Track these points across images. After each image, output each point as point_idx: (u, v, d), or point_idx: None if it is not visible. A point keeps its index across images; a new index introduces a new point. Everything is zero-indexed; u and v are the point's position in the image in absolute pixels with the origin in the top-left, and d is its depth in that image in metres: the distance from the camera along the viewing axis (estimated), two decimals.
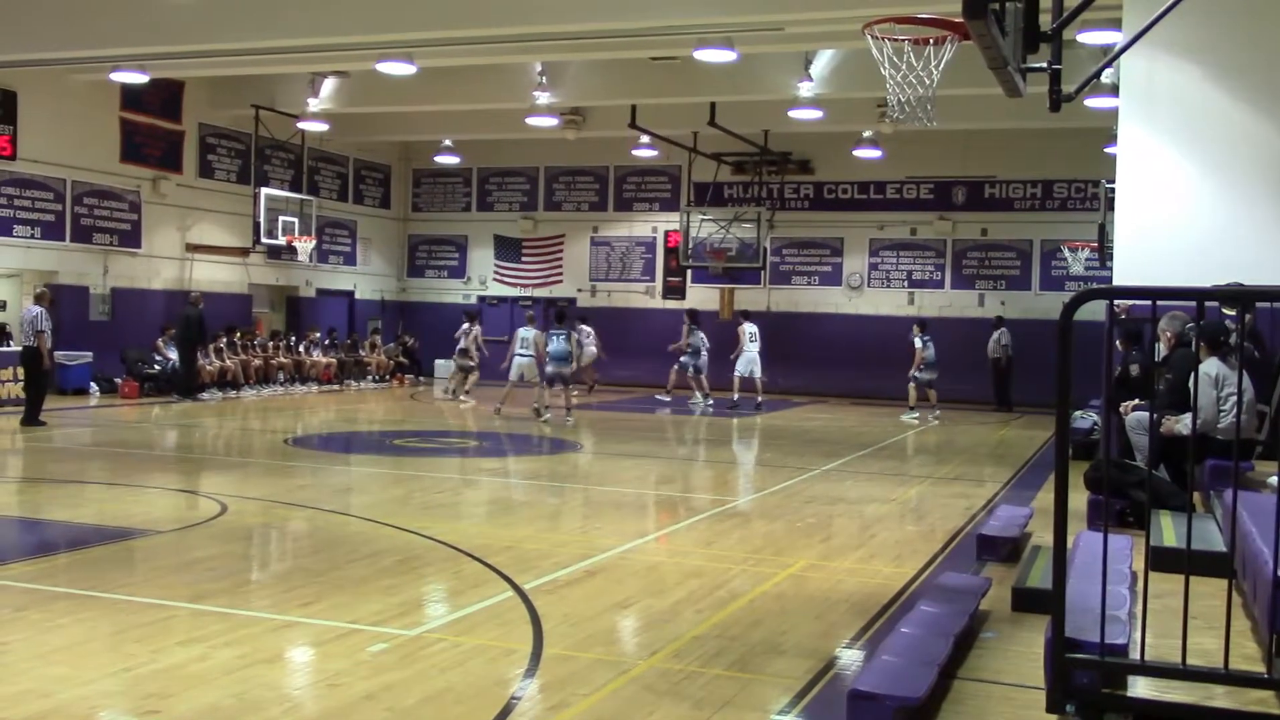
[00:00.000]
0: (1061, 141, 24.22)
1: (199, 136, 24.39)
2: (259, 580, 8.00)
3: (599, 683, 5.65)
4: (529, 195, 29.93)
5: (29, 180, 20.78)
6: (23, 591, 7.12)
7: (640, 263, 29.05)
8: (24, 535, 9.42)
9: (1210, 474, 8.23)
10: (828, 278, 27.64)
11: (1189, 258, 10.41)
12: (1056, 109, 7.14)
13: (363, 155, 29.27)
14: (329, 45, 16.92)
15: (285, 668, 6.02)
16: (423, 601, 7.51)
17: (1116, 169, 11.11)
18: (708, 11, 14.36)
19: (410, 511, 10.41)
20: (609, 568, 8.32)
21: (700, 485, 13.71)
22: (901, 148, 25.36)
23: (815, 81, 19.57)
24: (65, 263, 21.61)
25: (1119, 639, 4.45)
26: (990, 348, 24.68)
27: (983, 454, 16.70)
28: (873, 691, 4.91)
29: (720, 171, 26.88)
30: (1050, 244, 25.65)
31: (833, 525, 10.46)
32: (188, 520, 9.90)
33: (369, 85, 22.14)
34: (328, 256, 28.07)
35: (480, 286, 30.18)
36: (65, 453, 14.63)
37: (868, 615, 7.09)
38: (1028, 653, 6.01)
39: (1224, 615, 4.31)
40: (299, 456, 14.46)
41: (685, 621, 6.83)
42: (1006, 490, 12.84)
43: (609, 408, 20.24)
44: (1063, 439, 4.36)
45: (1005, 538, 8.88)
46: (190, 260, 24.19)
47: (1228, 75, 10.57)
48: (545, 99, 21.31)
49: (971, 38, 5.88)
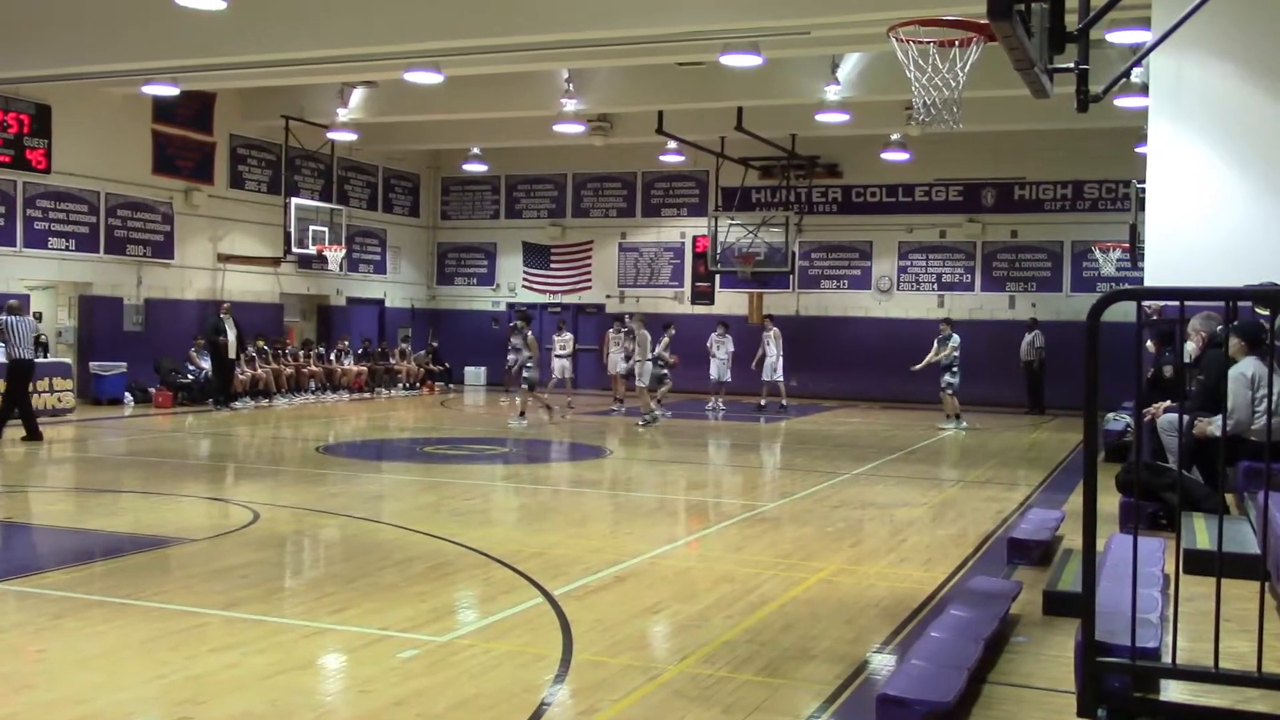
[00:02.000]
0: (1092, 142, 24.07)
1: (230, 148, 24.62)
2: (291, 587, 8.06)
3: (629, 688, 5.65)
4: (557, 202, 30.01)
5: (64, 193, 21.04)
6: (59, 599, 7.21)
7: (669, 268, 29.06)
8: (61, 544, 9.52)
9: (1244, 475, 8.14)
10: (857, 281, 27.56)
11: (1221, 257, 10.32)
12: (1084, 109, 7.11)
13: (392, 164, 29.44)
14: (357, 55, 17.03)
15: (317, 674, 6.06)
16: (453, 608, 7.54)
17: (1147, 169, 11.03)
18: (734, 17, 14.36)
19: (440, 518, 10.45)
20: (639, 573, 8.32)
21: (730, 490, 13.69)
22: (929, 150, 25.27)
23: (842, 85, 19.53)
24: (99, 274, 21.86)
25: (1150, 642, 4.42)
26: (1023, 350, 24.53)
27: (1014, 457, 16.59)
28: (903, 696, 4.89)
29: (748, 176, 26.84)
30: (1081, 245, 25.45)
31: (863, 529, 10.42)
32: (221, 528, 9.98)
33: (397, 95, 22.29)
34: (358, 265, 28.25)
35: (509, 293, 30.28)
36: (100, 462, 14.78)
37: (898, 620, 7.07)
38: (1059, 657, 5.97)
39: (1257, 618, 4.27)
40: (330, 464, 14.55)
41: (715, 626, 6.82)
42: (1038, 493, 12.77)
43: (636, 414, 20.25)
44: (1091, 441, 4.34)
45: (1036, 541, 8.82)
46: (222, 270, 24.41)
47: (1258, 73, 10.47)
48: (572, 106, 21.37)
49: (997, 39, 5.86)
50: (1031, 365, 24.52)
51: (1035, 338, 24.44)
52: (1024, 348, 24.55)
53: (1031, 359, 24.47)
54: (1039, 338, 24.41)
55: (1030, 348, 24.45)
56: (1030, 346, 24.45)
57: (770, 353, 22.80)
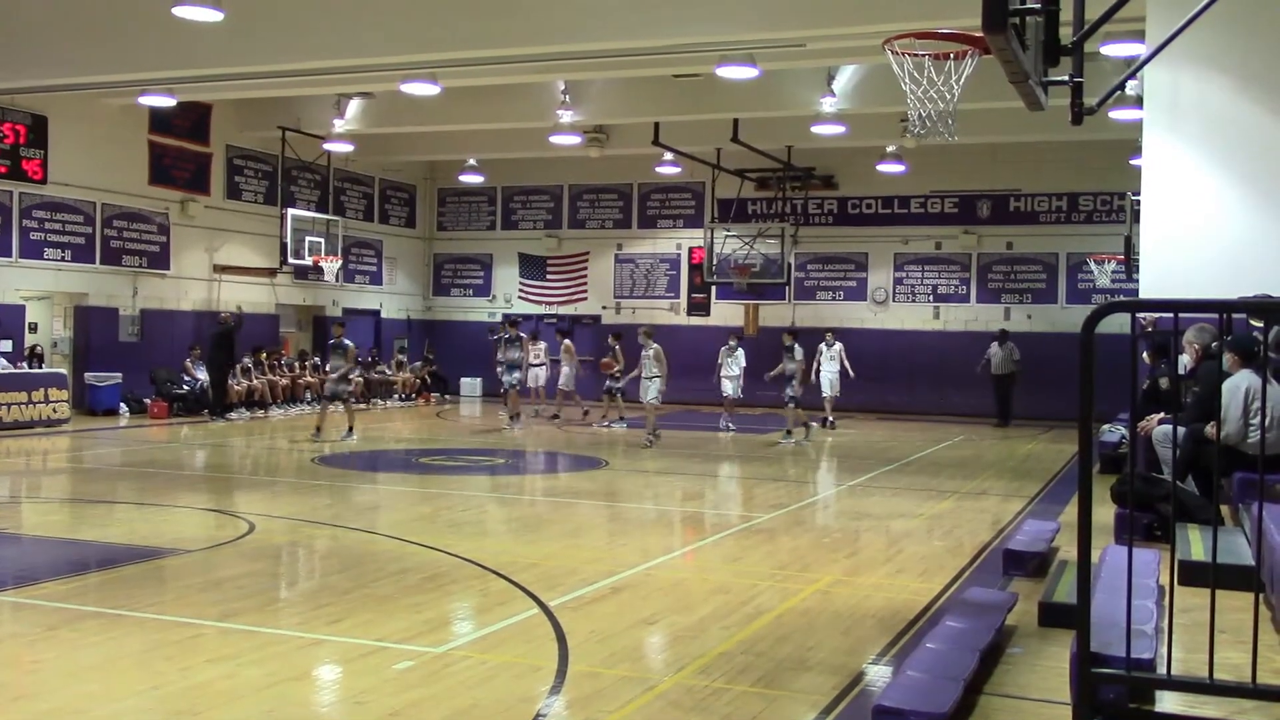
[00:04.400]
0: (1087, 154, 24.16)
1: (226, 158, 24.62)
2: (286, 598, 8.05)
3: (625, 699, 5.65)
4: (553, 213, 30.03)
5: (60, 204, 21.03)
6: (54, 610, 7.19)
7: (665, 279, 29.07)
8: (55, 555, 9.50)
9: (1239, 487, 8.16)
10: (852, 292, 27.59)
11: (1216, 269, 10.34)
12: (1078, 122, 7.13)
13: (388, 175, 29.46)
14: (354, 67, 17.05)
15: (312, 685, 6.06)
16: (449, 619, 7.53)
17: (1142, 181, 11.06)
18: (730, 29, 14.40)
19: (436, 529, 10.45)
20: (634, 584, 8.32)
21: (725, 501, 13.69)
22: (925, 162, 25.32)
23: (838, 97, 19.58)
24: (95, 285, 21.84)
25: (1146, 654, 4.43)
26: (997, 362, 23.99)
27: (1010, 468, 16.61)
28: (898, 707, 4.89)
29: (744, 188, 26.90)
30: (1076, 257, 25.51)
31: (859, 540, 10.43)
32: (216, 539, 9.97)
33: (393, 106, 22.32)
34: (354, 276, 28.25)
35: (505, 304, 30.28)
36: (96, 473, 14.75)
37: (894, 631, 7.07)
38: (1055, 668, 5.97)
39: (1251, 629, 4.28)
40: (326, 475, 14.53)
41: (711, 638, 6.82)
42: (1034, 505, 12.78)
43: (635, 425, 20.24)
44: (1086, 453, 4.35)
45: (1032, 552, 8.83)
46: (218, 281, 24.40)
47: (1252, 85, 10.51)
48: (568, 117, 21.40)
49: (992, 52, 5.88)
50: (1006, 378, 24.00)
51: (1012, 350, 24.04)
52: (998, 360, 24.01)
53: (1011, 370, 24.03)
54: (1015, 350, 24.02)
55: (1007, 360, 23.98)
56: (1007, 359, 23.98)
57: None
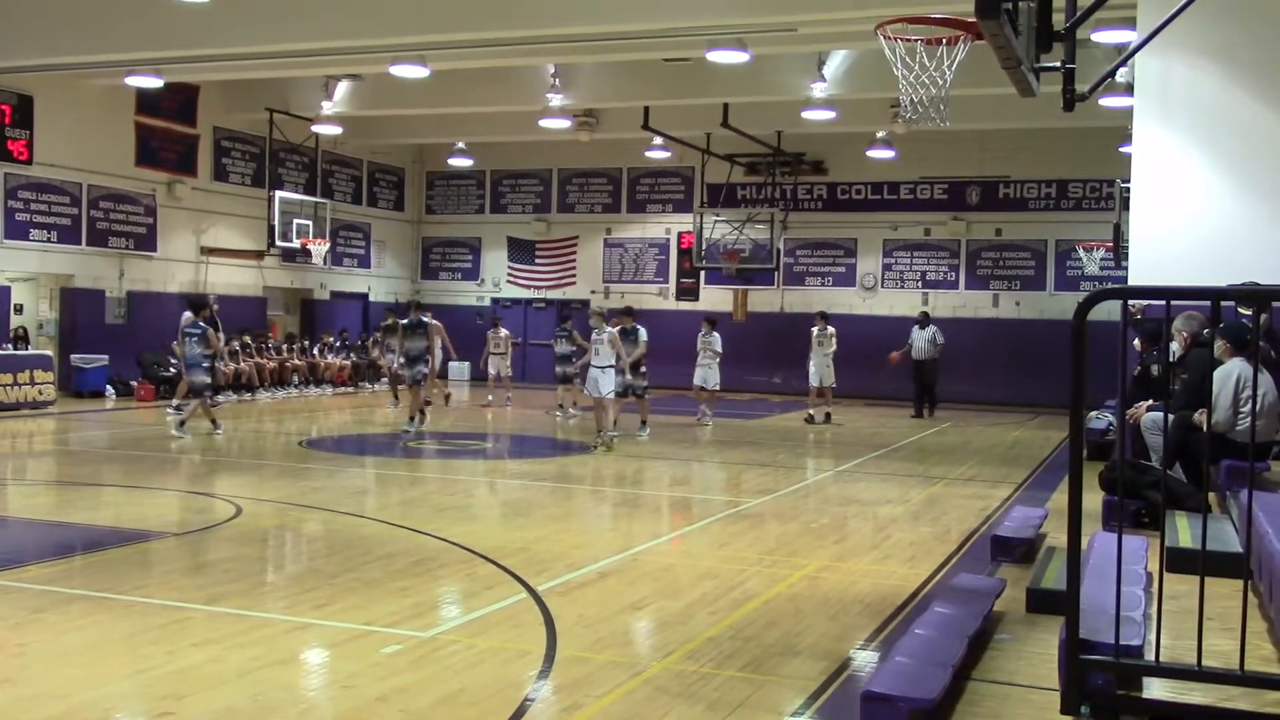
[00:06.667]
0: (1076, 141, 24.17)
1: (214, 140, 24.48)
2: (273, 582, 8.03)
3: (613, 684, 5.64)
4: (542, 197, 29.96)
5: (45, 184, 20.89)
6: (39, 594, 7.16)
7: (654, 264, 29.04)
8: (41, 537, 9.46)
9: (1227, 474, 8.18)
10: (841, 279, 27.59)
11: (1205, 257, 10.37)
12: (1070, 108, 7.13)
13: (376, 158, 29.34)
14: (342, 48, 16.97)
15: (300, 669, 6.04)
16: (436, 603, 7.52)
17: (1131, 168, 11.07)
18: (720, 13, 14.37)
19: (424, 513, 10.43)
20: (622, 569, 8.31)
21: (713, 486, 13.68)
22: (915, 148, 25.31)
23: (828, 82, 19.55)
24: (81, 266, 21.72)
25: (1134, 640, 4.43)
26: (921, 348, 22.37)
27: (997, 455, 16.64)
28: (887, 693, 4.89)
29: (733, 173, 26.86)
30: (1065, 244, 25.55)
31: (847, 526, 10.44)
32: (203, 523, 9.93)
33: (382, 88, 22.21)
34: (342, 259, 28.15)
35: (494, 288, 30.22)
36: (82, 455, 14.69)
37: (882, 616, 7.08)
38: (1043, 654, 5.99)
39: (1240, 616, 4.28)
40: (313, 459, 14.49)
41: (699, 623, 6.82)
42: (1021, 491, 12.80)
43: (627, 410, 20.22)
44: (1077, 440, 4.34)
45: (1020, 539, 8.85)
46: (205, 263, 24.29)
47: (1243, 74, 10.52)
48: (558, 101, 21.33)
49: (984, 37, 5.86)
50: (928, 363, 22.43)
51: (935, 334, 22.46)
52: (921, 345, 22.35)
53: (933, 356, 22.42)
54: (939, 334, 22.54)
55: (931, 345, 22.36)
56: (931, 344, 22.36)
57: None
